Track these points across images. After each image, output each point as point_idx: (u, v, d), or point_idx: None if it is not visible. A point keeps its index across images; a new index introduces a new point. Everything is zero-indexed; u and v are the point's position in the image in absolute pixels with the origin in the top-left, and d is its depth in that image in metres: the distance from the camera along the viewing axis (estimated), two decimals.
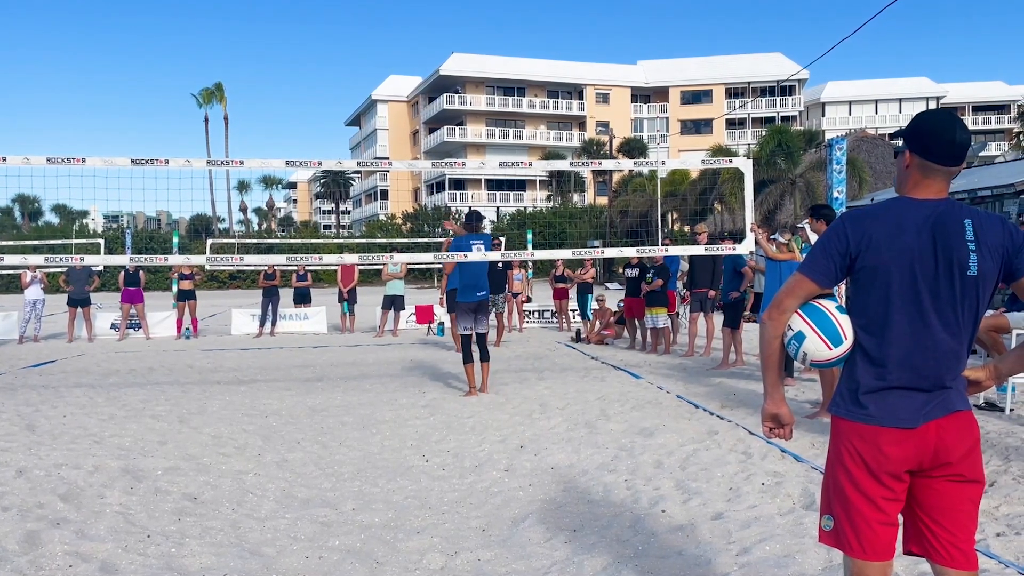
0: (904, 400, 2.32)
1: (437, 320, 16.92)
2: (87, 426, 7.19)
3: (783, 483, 5.03)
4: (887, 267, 2.32)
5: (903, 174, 2.46)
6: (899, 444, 2.31)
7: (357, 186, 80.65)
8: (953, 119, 2.39)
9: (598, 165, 10.65)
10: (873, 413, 2.33)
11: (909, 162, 2.43)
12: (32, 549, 4.04)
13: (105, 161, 7.82)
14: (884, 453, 2.31)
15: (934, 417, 2.32)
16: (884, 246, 2.33)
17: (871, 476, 2.33)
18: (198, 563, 3.92)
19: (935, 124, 2.39)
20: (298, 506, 4.89)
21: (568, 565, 3.83)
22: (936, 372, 2.33)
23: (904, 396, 2.33)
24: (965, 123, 2.43)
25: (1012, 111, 66.56)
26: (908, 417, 2.31)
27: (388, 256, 9.85)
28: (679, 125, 73.57)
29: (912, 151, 2.41)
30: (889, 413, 2.32)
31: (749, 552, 3.88)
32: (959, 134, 2.37)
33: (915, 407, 2.32)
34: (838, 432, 2.42)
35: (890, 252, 2.32)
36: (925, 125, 2.41)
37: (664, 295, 12.23)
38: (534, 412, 7.70)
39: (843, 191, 8.23)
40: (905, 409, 2.32)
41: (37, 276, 16.09)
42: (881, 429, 2.32)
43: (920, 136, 2.40)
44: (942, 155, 2.37)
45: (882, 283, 2.34)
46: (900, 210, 2.38)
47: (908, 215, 2.35)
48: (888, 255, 2.32)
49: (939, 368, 2.33)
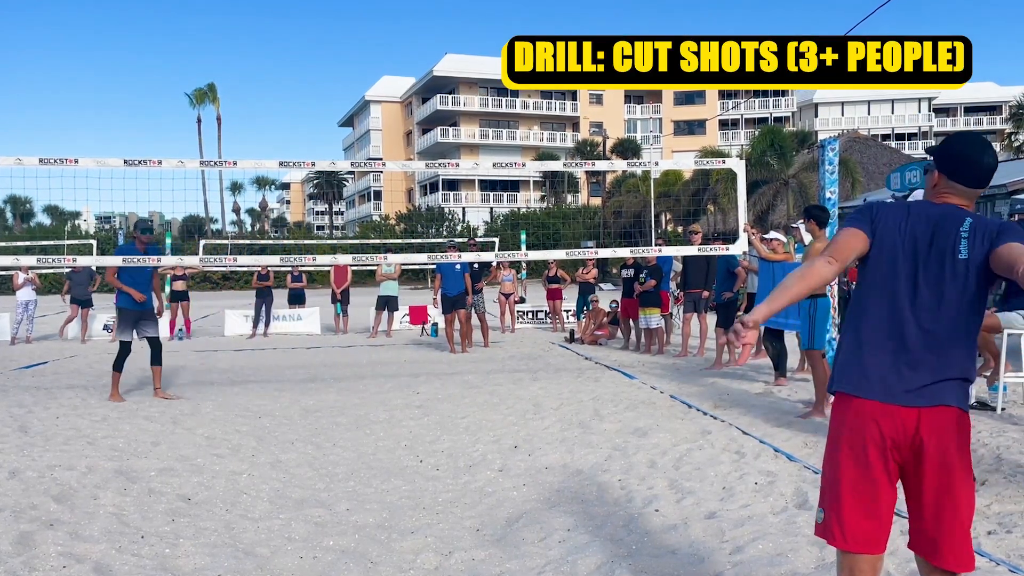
0: (890, 375, 2.42)
1: (431, 321, 16.93)
2: (80, 427, 7.17)
3: (776, 482, 5.05)
4: (884, 241, 2.51)
5: (930, 191, 2.64)
6: (881, 418, 2.39)
7: (350, 187, 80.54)
8: (983, 146, 2.54)
9: (591, 166, 10.68)
10: (858, 384, 2.45)
11: (937, 182, 2.59)
12: (26, 550, 4.03)
13: (98, 162, 7.80)
14: (865, 424, 2.40)
15: (920, 404, 2.38)
16: (892, 225, 2.52)
17: (854, 454, 2.41)
18: (192, 564, 3.92)
19: (965, 149, 2.55)
20: (292, 506, 4.89)
21: (562, 564, 3.84)
22: (926, 357, 2.41)
23: (890, 372, 2.42)
24: (995, 149, 2.61)
25: (1004, 112, 66.84)
26: (891, 393, 2.40)
27: (382, 257, 9.85)
28: (672, 126, 73.66)
29: (940, 172, 2.58)
30: (876, 386, 2.42)
31: (742, 551, 3.90)
32: (987, 159, 2.53)
33: (899, 384, 2.40)
34: (832, 411, 2.55)
35: (895, 231, 2.50)
36: (955, 149, 2.57)
37: (657, 295, 12.25)
38: (528, 412, 7.71)
39: (836, 192, 8.26)
40: (889, 384, 2.41)
41: (29, 277, 16.05)
42: (865, 401, 2.42)
43: (950, 159, 2.57)
44: (968, 178, 2.54)
45: (879, 254, 2.51)
46: (918, 206, 2.56)
47: (920, 207, 2.54)
48: (893, 233, 2.50)
49: (930, 352, 2.41)
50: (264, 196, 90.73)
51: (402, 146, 75.65)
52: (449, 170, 54.74)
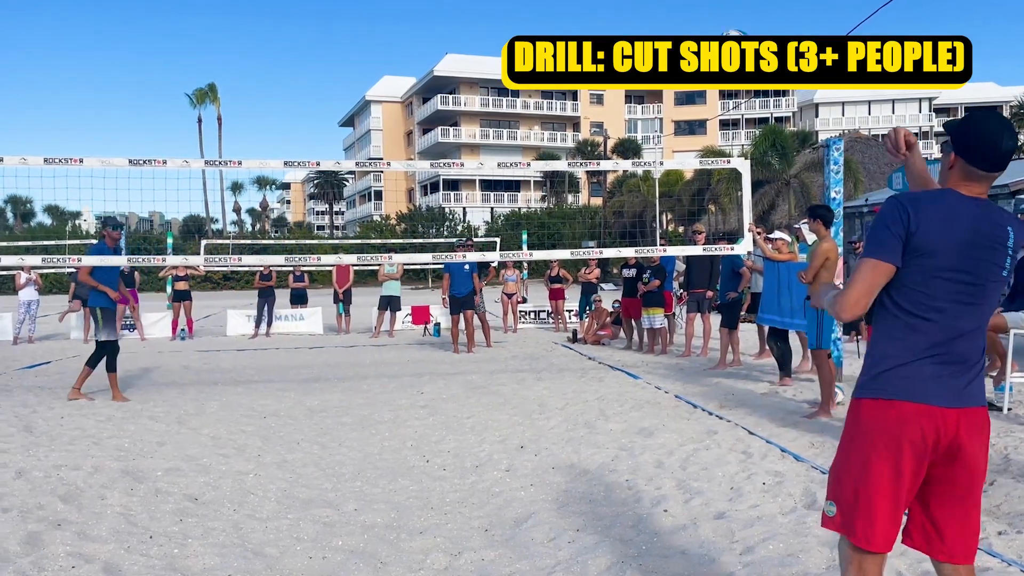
0: (935, 381, 2.35)
1: (433, 321, 16.92)
2: (85, 427, 7.17)
3: (784, 483, 5.04)
4: (936, 250, 2.34)
5: (946, 173, 2.49)
6: (925, 421, 2.33)
7: (351, 187, 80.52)
8: (1002, 125, 2.38)
9: (597, 165, 10.67)
10: (904, 389, 2.35)
11: (953, 163, 2.45)
12: (34, 550, 4.02)
13: (103, 162, 7.80)
14: (909, 430, 2.33)
15: (960, 405, 2.36)
16: (938, 230, 2.34)
17: (891, 458, 2.34)
18: (201, 564, 3.91)
19: (983, 129, 2.39)
20: (300, 507, 4.88)
21: (572, 565, 3.83)
22: (966, 359, 2.38)
23: (936, 377, 2.36)
24: (1014, 128, 2.45)
25: (1004, 112, 66.85)
26: (935, 395, 2.34)
27: (386, 256, 9.86)
28: (673, 126, 73.66)
29: (957, 154, 2.43)
30: (921, 391, 2.34)
31: (753, 551, 3.89)
32: (1006, 141, 2.38)
33: (943, 388, 2.35)
34: (862, 415, 2.42)
35: (942, 238, 2.34)
36: (973, 128, 2.40)
37: (661, 295, 12.25)
38: (533, 412, 7.70)
39: (841, 192, 8.24)
40: (933, 387, 2.35)
41: (32, 277, 16.03)
42: (907, 404, 2.34)
43: (966, 140, 2.41)
44: (986, 162, 2.39)
45: (928, 265, 2.35)
46: (953, 201, 2.40)
47: (961, 208, 2.38)
48: (940, 241, 2.34)
49: (969, 356, 2.39)
50: (265, 196, 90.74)
51: (403, 146, 75.63)
52: (453, 170, 54.73)
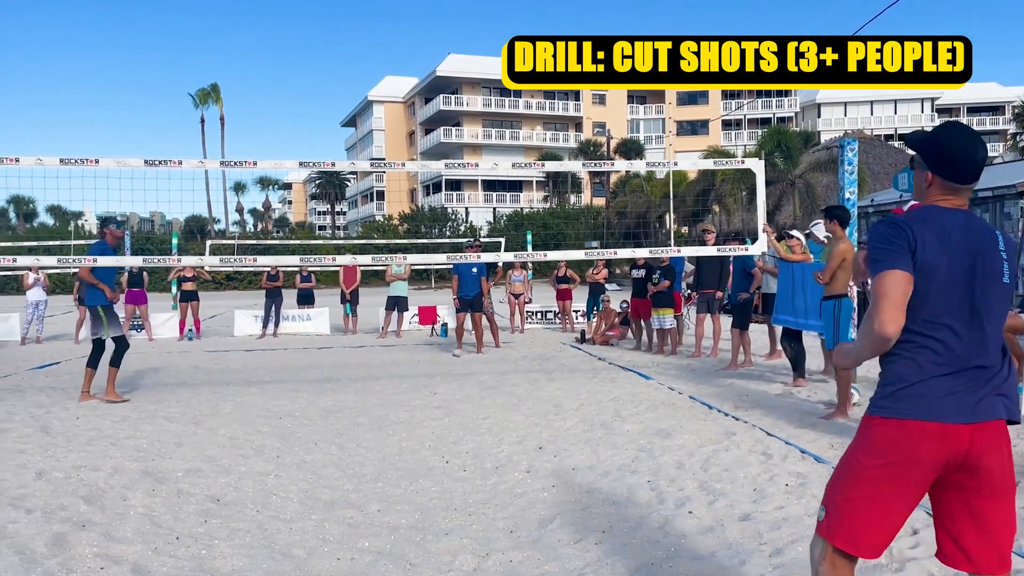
0: (949, 398, 2.34)
1: (440, 321, 16.92)
2: (101, 428, 7.16)
3: (807, 484, 5.03)
4: (936, 266, 2.36)
5: (924, 190, 2.52)
6: (938, 441, 2.32)
7: (353, 187, 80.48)
8: (973, 139, 2.43)
9: (610, 166, 10.64)
10: (917, 408, 2.34)
11: (932, 182, 2.49)
12: (61, 551, 4.03)
13: (119, 162, 7.79)
14: (921, 449, 2.33)
15: (974, 420, 2.34)
16: (935, 246, 2.37)
17: (899, 475, 2.35)
18: (230, 565, 3.91)
19: (954, 145, 2.43)
20: (323, 508, 4.88)
21: (601, 567, 3.83)
22: (981, 371, 2.37)
23: (950, 394, 2.34)
24: (982, 138, 2.49)
25: (1007, 112, 66.82)
26: (952, 413, 2.32)
27: (400, 256, 9.84)
28: (675, 126, 73.65)
29: (935, 172, 2.47)
30: (934, 409, 2.33)
31: (782, 553, 3.88)
32: (979, 152, 2.43)
33: (959, 405, 2.34)
34: (874, 431, 2.42)
35: (941, 254, 2.36)
36: (944, 145, 2.44)
37: (670, 296, 12.24)
38: (549, 413, 7.69)
39: (855, 192, 8.24)
40: (950, 406, 2.33)
41: (39, 277, 16.04)
42: (924, 424, 2.33)
43: (940, 158, 2.45)
44: (964, 175, 2.44)
45: (930, 283, 2.36)
46: (938, 216, 2.43)
47: (950, 221, 2.42)
48: (940, 256, 2.36)
49: (983, 367, 2.37)
50: (267, 196, 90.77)
51: (405, 146, 75.61)
52: (457, 170, 54.69)
